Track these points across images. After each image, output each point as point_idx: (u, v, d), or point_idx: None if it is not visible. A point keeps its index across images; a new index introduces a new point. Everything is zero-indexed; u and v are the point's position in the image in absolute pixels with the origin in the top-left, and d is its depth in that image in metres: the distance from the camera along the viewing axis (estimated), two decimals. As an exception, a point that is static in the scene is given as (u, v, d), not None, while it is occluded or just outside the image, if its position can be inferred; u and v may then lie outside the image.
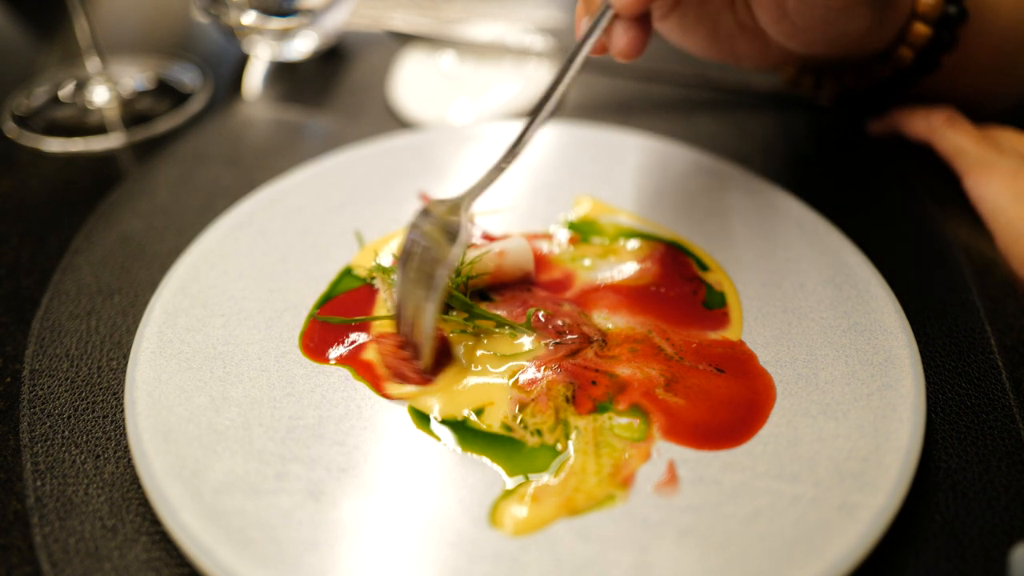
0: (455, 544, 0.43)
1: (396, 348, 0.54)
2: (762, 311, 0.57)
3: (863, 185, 0.74)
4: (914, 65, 0.69)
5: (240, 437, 0.48)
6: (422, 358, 0.52)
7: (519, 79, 0.87)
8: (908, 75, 0.70)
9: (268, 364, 0.53)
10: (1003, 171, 0.66)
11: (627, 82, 0.89)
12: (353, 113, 0.85)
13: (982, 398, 0.53)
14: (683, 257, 0.62)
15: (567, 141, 0.75)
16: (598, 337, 0.55)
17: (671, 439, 0.48)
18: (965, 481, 0.48)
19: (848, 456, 0.46)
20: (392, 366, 0.52)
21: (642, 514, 0.44)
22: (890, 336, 0.53)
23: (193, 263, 0.59)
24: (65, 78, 0.89)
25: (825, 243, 0.61)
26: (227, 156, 0.78)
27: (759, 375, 0.52)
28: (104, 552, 0.44)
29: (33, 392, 0.53)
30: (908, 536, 0.45)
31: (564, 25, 1.02)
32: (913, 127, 0.75)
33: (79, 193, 0.73)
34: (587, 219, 0.66)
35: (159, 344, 0.53)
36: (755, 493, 0.45)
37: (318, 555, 0.42)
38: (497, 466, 0.47)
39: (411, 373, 0.52)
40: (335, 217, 0.66)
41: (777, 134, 0.81)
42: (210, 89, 0.89)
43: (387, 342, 0.54)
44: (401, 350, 0.53)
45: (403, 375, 0.52)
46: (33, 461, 0.49)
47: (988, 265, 0.64)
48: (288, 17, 0.87)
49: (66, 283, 0.62)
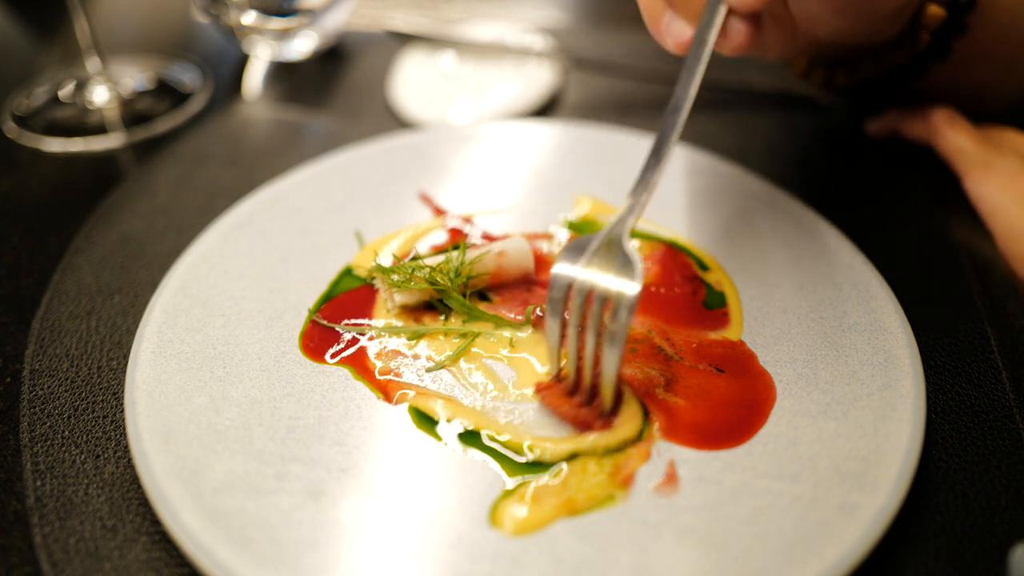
0: (455, 544, 0.43)
1: (564, 396, 0.50)
2: (762, 311, 0.57)
3: (863, 185, 0.74)
4: (927, 50, 0.69)
5: (240, 437, 0.48)
6: (603, 402, 0.48)
7: (519, 79, 0.87)
8: (921, 61, 0.70)
9: (268, 364, 0.53)
10: (1003, 171, 0.67)
11: (627, 82, 0.89)
12: (353, 113, 0.85)
13: (982, 398, 0.53)
14: (683, 257, 0.62)
15: (567, 141, 0.75)
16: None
17: (671, 439, 0.48)
18: (965, 481, 0.48)
19: (848, 456, 0.46)
20: (571, 416, 0.49)
21: (642, 514, 0.44)
22: (890, 336, 0.53)
23: (193, 263, 0.59)
24: (65, 78, 0.89)
25: (825, 243, 0.61)
26: (227, 156, 0.78)
27: (759, 375, 0.52)
28: (104, 552, 0.44)
29: (33, 392, 0.53)
30: (908, 536, 0.45)
31: (564, 25, 1.02)
32: (913, 127, 0.75)
33: (79, 193, 0.73)
34: (587, 219, 0.66)
35: (159, 344, 0.53)
36: (755, 493, 0.45)
37: (318, 555, 0.42)
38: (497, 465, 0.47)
39: (594, 419, 0.49)
40: (335, 217, 0.66)
41: (778, 134, 0.81)
42: (210, 89, 0.89)
43: (553, 392, 0.50)
44: (570, 397, 0.50)
45: (587, 423, 0.49)
46: (33, 461, 0.49)
47: (988, 265, 0.64)
48: (288, 17, 0.87)
49: (66, 283, 0.62)
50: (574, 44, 0.96)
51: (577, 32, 1.01)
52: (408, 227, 0.66)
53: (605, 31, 1.01)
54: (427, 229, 0.66)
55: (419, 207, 0.68)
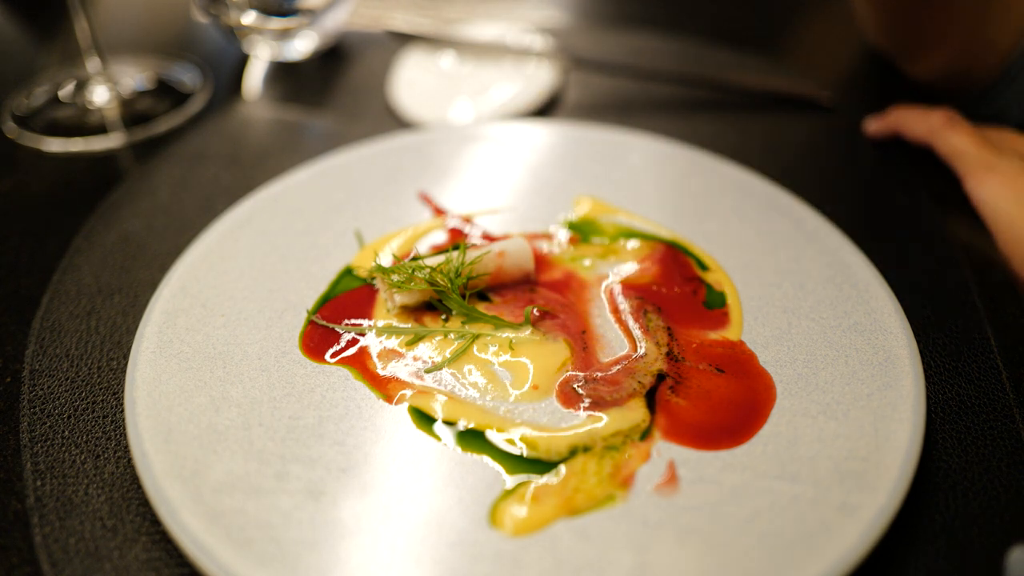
0: (455, 544, 0.43)
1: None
2: (762, 311, 0.57)
3: (863, 185, 0.74)
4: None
5: (240, 437, 0.48)
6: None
7: (519, 79, 0.87)
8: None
9: (268, 364, 0.53)
10: (1004, 173, 0.66)
11: (627, 82, 0.89)
12: (353, 113, 0.85)
13: (982, 398, 0.53)
14: (683, 257, 0.62)
15: (567, 141, 0.75)
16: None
17: (671, 439, 0.48)
18: (965, 481, 0.48)
19: (848, 456, 0.46)
20: None
21: (642, 514, 0.44)
22: (890, 336, 0.53)
23: (193, 263, 0.59)
24: (65, 78, 0.89)
25: (825, 243, 0.61)
26: (227, 156, 0.78)
27: (759, 375, 0.52)
28: (104, 552, 0.44)
29: (33, 392, 0.53)
30: (908, 536, 0.45)
31: (564, 25, 1.02)
32: (913, 128, 0.75)
33: (79, 193, 0.73)
34: (587, 219, 0.66)
35: (159, 344, 0.53)
36: (755, 493, 0.45)
37: (318, 555, 0.42)
38: (498, 465, 0.47)
39: None
40: (335, 217, 0.66)
41: (777, 134, 0.81)
42: (210, 89, 0.89)
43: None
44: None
45: None
46: (33, 461, 0.49)
47: (988, 265, 0.64)
48: (288, 17, 0.87)
49: (66, 283, 0.62)
50: (574, 44, 0.96)
51: (577, 32, 1.01)
52: (408, 227, 0.66)
53: (605, 31, 1.01)
54: (427, 229, 0.66)
55: (419, 207, 0.68)
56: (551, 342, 0.55)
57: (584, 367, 0.53)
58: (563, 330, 0.56)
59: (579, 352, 0.54)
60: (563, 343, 0.55)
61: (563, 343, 0.55)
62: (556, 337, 0.55)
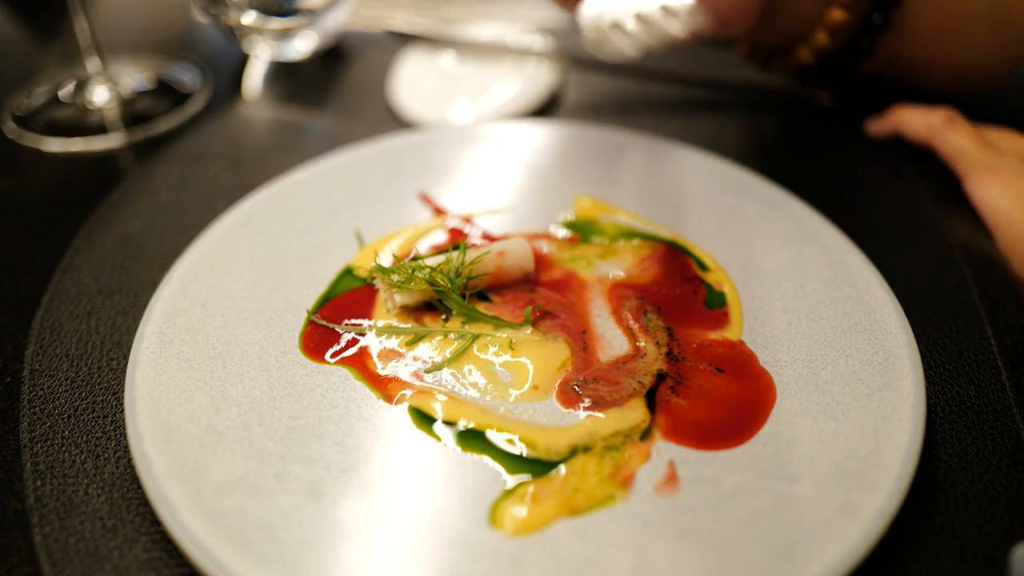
0: (455, 544, 0.43)
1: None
2: (762, 311, 0.57)
3: (863, 185, 0.74)
4: (862, 28, 0.72)
5: (240, 437, 0.48)
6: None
7: (519, 79, 0.87)
8: (854, 42, 0.73)
9: (268, 364, 0.53)
10: (1004, 173, 0.66)
11: (627, 82, 0.89)
12: (353, 113, 0.85)
13: (982, 398, 0.53)
14: (683, 257, 0.62)
15: (567, 141, 0.75)
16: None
17: (671, 439, 0.48)
18: (965, 481, 0.48)
19: (848, 456, 0.46)
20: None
21: (642, 514, 0.44)
22: (890, 336, 0.53)
23: (193, 263, 0.59)
24: (65, 78, 0.89)
25: (825, 243, 0.61)
26: (227, 156, 0.78)
27: (759, 375, 0.52)
28: (104, 552, 0.44)
29: (33, 392, 0.53)
30: (908, 536, 0.45)
31: (564, 25, 1.02)
32: (913, 128, 0.75)
33: (79, 193, 0.73)
34: (587, 219, 0.66)
35: (159, 344, 0.53)
36: (755, 493, 0.45)
37: (318, 555, 0.42)
38: (498, 465, 0.47)
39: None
40: (335, 217, 0.66)
41: (777, 134, 0.81)
42: (210, 89, 0.89)
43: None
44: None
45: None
46: (33, 461, 0.49)
47: (988, 265, 0.64)
48: (288, 17, 0.87)
49: (66, 283, 0.62)
50: (574, 44, 0.96)
51: (577, 32, 1.01)
52: (408, 227, 0.66)
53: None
54: (427, 229, 0.66)
55: (419, 207, 0.68)
56: (551, 342, 0.55)
57: (584, 367, 0.53)
58: (563, 330, 0.56)
59: (579, 352, 0.54)
60: (563, 343, 0.55)
61: (563, 343, 0.55)
62: (556, 337, 0.55)
